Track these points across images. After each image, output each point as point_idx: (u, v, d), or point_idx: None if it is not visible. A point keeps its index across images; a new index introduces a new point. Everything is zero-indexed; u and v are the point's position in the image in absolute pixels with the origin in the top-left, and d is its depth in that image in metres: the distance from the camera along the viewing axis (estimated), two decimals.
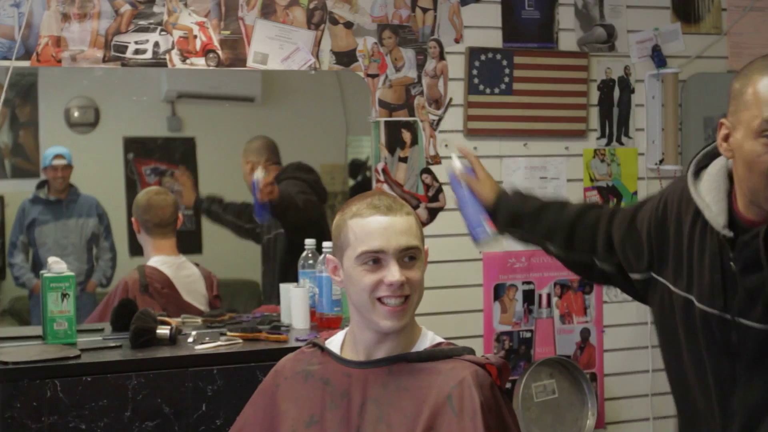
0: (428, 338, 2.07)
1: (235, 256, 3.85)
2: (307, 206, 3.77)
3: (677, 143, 4.09)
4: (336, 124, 3.89)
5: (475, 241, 2.60)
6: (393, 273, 1.95)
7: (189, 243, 3.72)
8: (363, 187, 3.79)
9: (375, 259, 1.97)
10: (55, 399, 2.77)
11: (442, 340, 2.09)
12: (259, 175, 3.62)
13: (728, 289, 1.99)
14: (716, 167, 2.03)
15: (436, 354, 2.03)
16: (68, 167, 3.60)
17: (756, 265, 1.95)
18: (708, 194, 2.00)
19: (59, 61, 3.32)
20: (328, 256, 2.09)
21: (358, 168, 3.89)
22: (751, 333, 1.98)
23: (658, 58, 4.07)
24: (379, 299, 1.97)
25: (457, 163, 2.64)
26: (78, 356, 2.89)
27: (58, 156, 3.58)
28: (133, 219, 3.58)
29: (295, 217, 3.72)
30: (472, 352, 2.05)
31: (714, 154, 2.06)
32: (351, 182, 3.91)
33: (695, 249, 2.05)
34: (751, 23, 4.24)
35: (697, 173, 2.07)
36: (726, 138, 1.94)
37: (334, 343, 2.12)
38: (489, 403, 1.95)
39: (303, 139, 3.88)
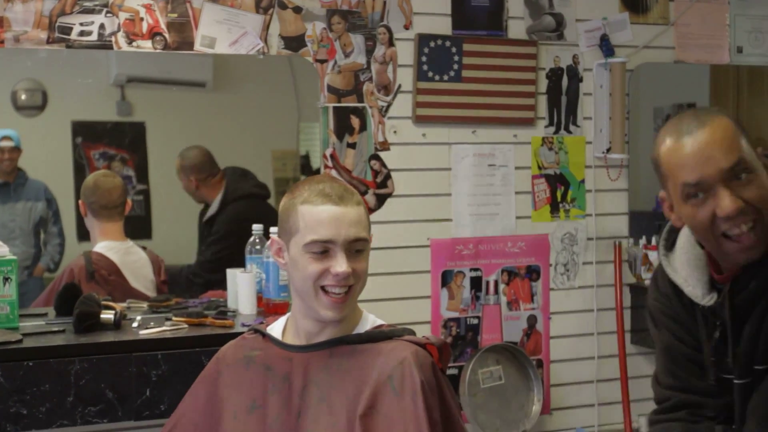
0: (369, 321, 2.08)
1: (185, 241, 3.83)
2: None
3: (624, 132, 4.12)
4: (288, 110, 3.88)
5: None
6: (340, 264, 1.95)
7: (139, 228, 3.69)
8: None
9: (323, 249, 1.96)
10: None
11: (383, 323, 2.09)
12: None
13: (721, 352, 1.97)
14: (683, 239, 2.01)
15: (376, 335, 2.03)
16: (16, 150, 3.57)
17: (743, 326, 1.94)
18: (683, 268, 1.99)
19: (1, 42, 3.28)
20: (273, 237, 2.08)
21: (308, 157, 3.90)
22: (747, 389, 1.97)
23: (607, 47, 4.10)
24: (323, 288, 1.97)
25: None
26: (20, 341, 2.86)
27: (5, 138, 3.54)
28: (80, 202, 3.54)
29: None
30: (412, 333, 2.06)
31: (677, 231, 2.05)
32: (302, 169, 3.91)
33: (688, 328, 2.04)
34: (698, 14, 4.28)
35: (671, 247, 2.04)
36: (671, 208, 1.93)
37: (276, 329, 2.12)
38: (430, 382, 1.96)
39: (255, 125, 3.86)
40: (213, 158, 3.78)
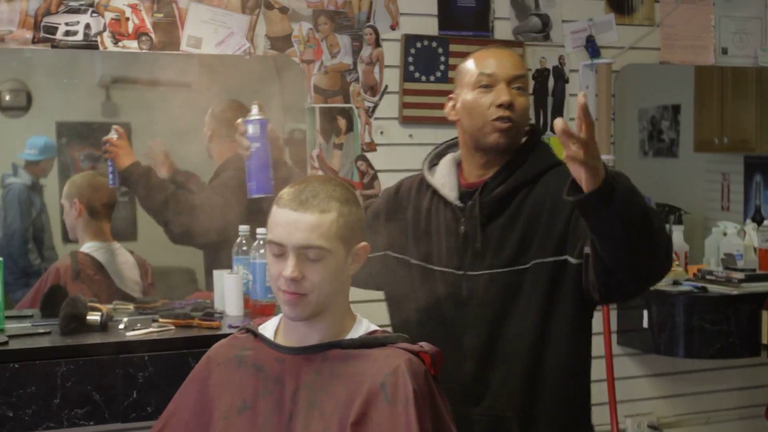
0: (363, 326, 2.07)
1: (171, 243, 3.81)
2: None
3: (610, 133, 4.13)
4: (274, 111, 3.85)
5: (254, 193, 2.70)
6: (287, 267, 1.95)
7: (124, 230, 3.68)
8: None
9: (280, 252, 1.96)
10: None
11: (377, 328, 2.08)
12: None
13: (460, 249, 2.43)
14: (446, 160, 2.56)
15: (370, 341, 2.02)
16: None
17: (483, 224, 2.42)
18: (441, 178, 2.51)
19: None
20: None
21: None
22: (479, 281, 2.40)
23: (592, 48, 4.11)
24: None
25: (257, 114, 2.68)
26: (5, 343, 2.84)
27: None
28: (75, 201, 3.52)
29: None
30: (406, 340, 2.05)
31: (442, 154, 2.60)
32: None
33: (433, 222, 2.50)
34: (683, 15, 4.29)
35: (431, 168, 2.59)
36: (454, 107, 2.50)
37: (268, 328, 2.11)
38: (422, 391, 1.95)
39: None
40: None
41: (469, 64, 2.46)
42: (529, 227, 2.38)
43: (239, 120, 2.71)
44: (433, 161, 2.59)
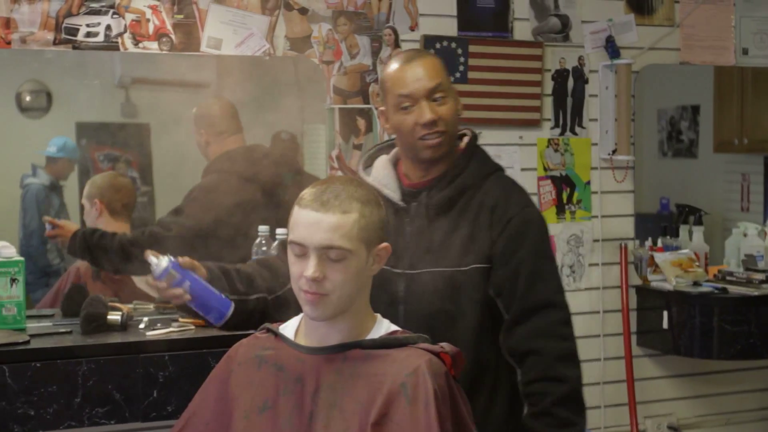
0: (383, 326, 2.07)
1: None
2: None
3: (630, 134, 4.12)
4: (292, 112, 3.86)
5: (219, 321, 2.38)
6: (308, 268, 1.94)
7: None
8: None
9: (301, 252, 1.96)
10: (3, 385, 2.74)
11: (397, 329, 2.08)
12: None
13: (401, 248, 2.43)
14: (381, 162, 2.57)
15: (390, 342, 2.02)
16: None
17: (427, 224, 2.45)
18: (382, 179, 2.52)
19: (8, 43, 3.27)
20: None
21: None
22: (418, 280, 2.43)
23: (612, 48, 4.10)
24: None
25: (164, 262, 2.29)
26: (27, 342, 2.86)
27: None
28: (96, 201, 3.52)
29: None
30: (427, 340, 2.04)
31: (374, 156, 2.60)
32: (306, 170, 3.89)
33: None
34: (703, 15, 4.28)
35: (367, 168, 2.60)
36: (387, 119, 2.49)
37: (289, 328, 2.11)
38: (443, 391, 1.95)
39: (259, 126, 3.85)
40: (236, 115, 3.66)
41: (388, 83, 2.46)
42: (471, 231, 2.44)
43: (152, 278, 2.32)
44: (367, 163, 2.61)
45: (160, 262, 2.28)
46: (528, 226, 2.46)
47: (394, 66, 2.47)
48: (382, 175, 2.53)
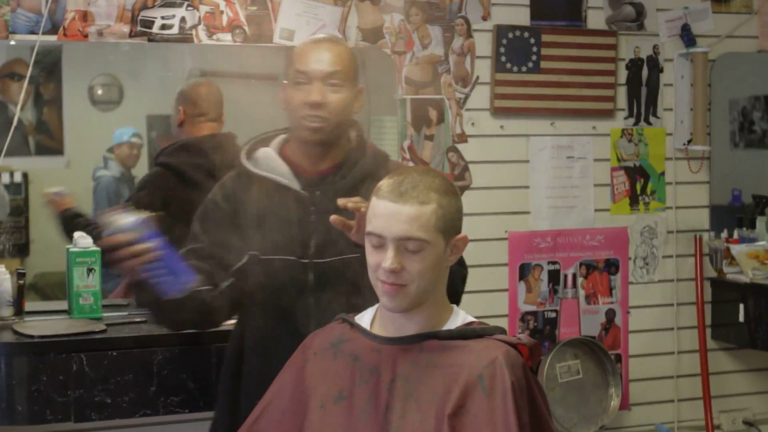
0: (460, 317, 2.06)
1: None
2: None
3: (706, 123, 4.05)
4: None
5: (179, 291, 2.22)
6: (387, 258, 1.94)
7: None
8: None
9: (379, 243, 1.96)
10: (80, 373, 2.78)
11: (474, 320, 2.07)
12: None
13: (306, 237, 2.41)
14: (267, 153, 2.50)
15: (467, 333, 2.01)
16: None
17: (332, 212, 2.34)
18: (277, 168, 2.46)
19: (86, 36, 3.31)
20: None
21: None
22: (327, 268, 2.40)
23: (688, 37, 4.03)
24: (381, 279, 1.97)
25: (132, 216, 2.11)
26: (104, 331, 2.90)
27: (134, 135, 3.66)
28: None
29: None
30: (503, 331, 2.03)
31: (253, 149, 2.52)
32: None
33: (270, 213, 2.44)
34: None
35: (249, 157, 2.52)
36: (283, 93, 2.49)
37: (365, 319, 2.11)
38: (520, 383, 1.93)
39: None
40: (221, 102, 3.58)
41: (294, 57, 2.47)
42: None
43: (108, 234, 2.16)
44: (249, 155, 2.53)
45: (125, 215, 2.10)
46: None
47: (303, 45, 2.53)
48: (274, 165, 2.48)
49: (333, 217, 2.19)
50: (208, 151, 3.32)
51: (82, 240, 3.09)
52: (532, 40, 3.85)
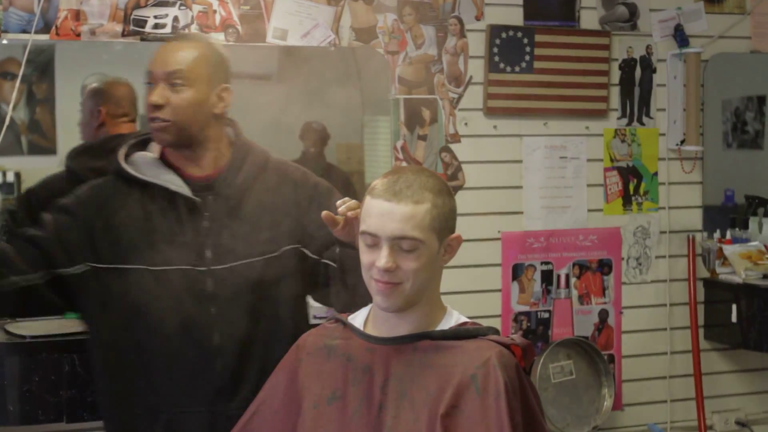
0: (453, 317, 2.06)
1: None
2: None
3: (699, 124, 4.06)
4: (352, 104, 3.86)
5: None
6: (381, 258, 1.94)
7: None
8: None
9: (373, 242, 1.96)
10: (73, 373, 2.78)
11: (467, 320, 2.07)
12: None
13: (201, 244, 2.35)
14: (146, 158, 2.44)
15: (460, 333, 2.01)
16: None
17: (228, 216, 2.37)
18: (162, 175, 2.39)
19: (78, 35, 3.31)
20: None
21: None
22: (227, 274, 2.34)
23: (681, 37, 4.03)
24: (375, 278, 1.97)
25: None
26: None
27: None
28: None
29: None
30: (496, 332, 2.03)
31: (128, 154, 2.45)
32: (366, 162, 3.88)
33: (158, 221, 2.36)
34: None
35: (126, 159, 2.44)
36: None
37: (358, 319, 2.11)
38: (513, 384, 1.94)
39: (318, 118, 3.84)
40: (136, 102, 3.42)
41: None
42: (273, 214, 2.42)
43: None
44: (127, 159, 2.46)
45: None
46: (330, 189, 2.53)
47: (161, 44, 2.50)
48: (158, 171, 2.41)
49: (324, 213, 2.18)
50: (110, 153, 3.02)
51: None
52: (526, 40, 3.84)
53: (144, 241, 2.35)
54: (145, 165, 2.42)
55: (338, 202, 2.23)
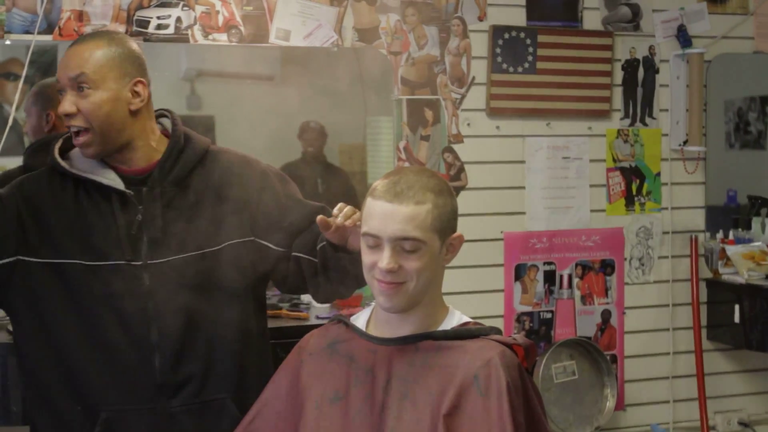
0: (455, 317, 2.06)
1: None
2: None
3: (701, 124, 4.06)
4: (355, 104, 3.86)
5: None
6: (383, 259, 1.94)
7: None
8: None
9: (375, 243, 1.96)
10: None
11: (469, 320, 2.07)
12: None
13: (136, 239, 2.26)
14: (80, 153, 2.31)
15: (462, 333, 2.01)
16: None
17: (163, 209, 2.29)
18: (94, 168, 2.28)
19: None
20: None
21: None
22: (164, 269, 2.26)
23: (684, 38, 4.04)
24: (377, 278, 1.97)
25: None
26: None
27: None
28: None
29: None
30: (499, 332, 2.03)
31: (68, 146, 2.34)
32: (369, 163, 3.89)
33: (91, 215, 2.28)
34: None
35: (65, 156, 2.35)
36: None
37: (360, 319, 2.10)
38: (515, 384, 1.94)
39: (321, 119, 3.85)
40: None
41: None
42: (213, 207, 2.32)
43: None
44: (62, 154, 2.37)
45: None
46: (280, 176, 2.45)
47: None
48: (92, 166, 2.30)
49: (319, 218, 2.16)
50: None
51: None
52: (528, 41, 3.85)
53: (78, 235, 2.27)
54: (80, 160, 2.32)
55: (335, 210, 2.20)
